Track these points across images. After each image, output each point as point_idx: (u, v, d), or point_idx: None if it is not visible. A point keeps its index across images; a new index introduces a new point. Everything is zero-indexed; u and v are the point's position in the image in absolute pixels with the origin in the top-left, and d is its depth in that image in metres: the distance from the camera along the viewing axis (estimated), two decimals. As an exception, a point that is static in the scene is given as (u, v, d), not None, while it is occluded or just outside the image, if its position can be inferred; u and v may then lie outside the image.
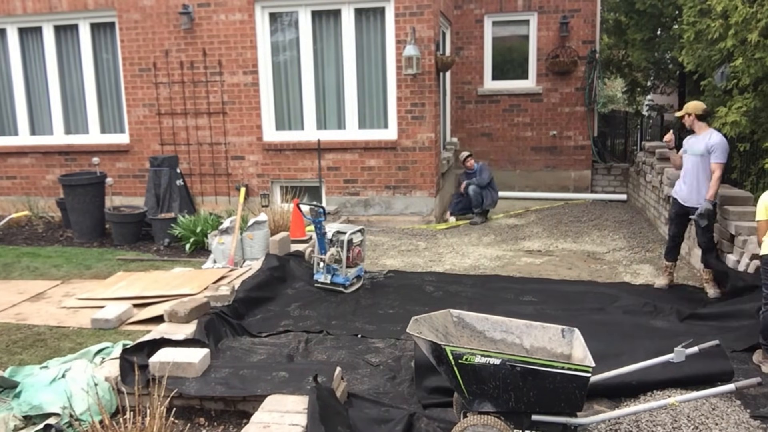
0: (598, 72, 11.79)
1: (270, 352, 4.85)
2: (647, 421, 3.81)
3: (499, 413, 3.38)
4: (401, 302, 6.05)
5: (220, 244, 7.28)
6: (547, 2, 11.68)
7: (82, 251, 8.29)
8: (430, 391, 4.17)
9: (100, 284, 6.62)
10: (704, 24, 6.88)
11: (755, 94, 6.34)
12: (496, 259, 7.65)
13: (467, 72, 12.17)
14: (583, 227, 9.31)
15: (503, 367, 3.29)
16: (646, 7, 11.15)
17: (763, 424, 3.79)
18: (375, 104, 9.60)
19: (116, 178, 10.12)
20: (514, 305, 5.89)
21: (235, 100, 9.75)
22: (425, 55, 9.10)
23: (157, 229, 8.50)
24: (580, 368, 3.27)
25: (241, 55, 9.61)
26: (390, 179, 9.52)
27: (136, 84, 10.00)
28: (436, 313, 3.80)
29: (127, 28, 9.88)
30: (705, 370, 4.21)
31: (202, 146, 9.97)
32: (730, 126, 6.27)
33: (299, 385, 3.91)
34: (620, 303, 5.90)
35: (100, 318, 5.50)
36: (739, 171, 8.03)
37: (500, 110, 12.14)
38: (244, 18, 9.51)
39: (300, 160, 9.72)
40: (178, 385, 3.98)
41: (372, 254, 7.86)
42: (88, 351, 4.68)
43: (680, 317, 5.49)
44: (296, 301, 6.08)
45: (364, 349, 5.01)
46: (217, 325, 5.15)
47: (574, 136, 11.98)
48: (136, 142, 10.18)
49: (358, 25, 9.39)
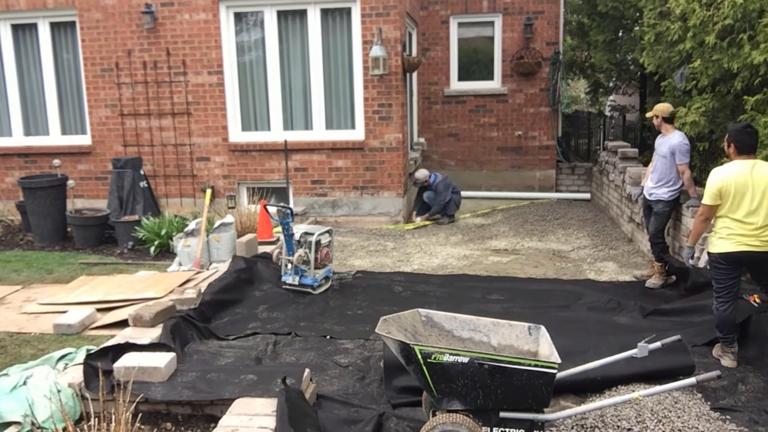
0: (562, 73, 11.97)
1: (238, 355, 4.81)
2: (612, 416, 3.88)
3: (468, 411, 3.41)
4: (370, 303, 6.05)
5: (185, 247, 7.19)
6: (511, 4, 11.81)
7: (44, 255, 8.10)
8: (399, 391, 4.19)
9: (63, 289, 6.48)
10: (664, 26, 7.02)
11: (713, 95, 6.50)
12: (464, 259, 7.71)
13: (434, 73, 12.23)
14: (548, 226, 9.43)
15: (471, 365, 3.32)
16: (608, 10, 11.34)
17: (723, 415, 3.89)
18: (342, 105, 9.59)
19: (78, 180, 9.92)
20: (482, 304, 5.94)
21: (200, 101, 9.64)
22: (392, 56, 9.12)
23: (121, 232, 8.36)
24: (546, 365, 3.32)
25: (205, 55, 9.51)
26: (358, 180, 9.52)
27: (98, 84, 9.82)
28: (404, 313, 3.81)
29: (88, 28, 9.69)
30: (667, 365, 4.30)
31: (166, 147, 9.83)
32: (690, 126, 6.42)
33: (268, 387, 3.89)
34: (585, 300, 6.00)
35: (63, 323, 5.38)
36: (698, 170, 8.22)
37: (466, 111, 12.23)
38: (208, 18, 9.40)
39: (267, 161, 9.65)
40: (144, 390, 3.93)
41: (340, 255, 7.85)
42: (50, 357, 4.58)
43: (643, 313, 5.61)
44: (264, 303, 6.04)
45: (333, 350, 5.00)
46: (183, 328, 5.08)
47: (539, 137, 12.14)
48: (99, 143, 9.99)
49: (324, 26, 9.37)
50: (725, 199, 4.55)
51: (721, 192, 4.56)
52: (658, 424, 3.78)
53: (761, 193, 4.46)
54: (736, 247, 4.52)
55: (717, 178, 4.59)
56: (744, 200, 4.49)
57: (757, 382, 4.32)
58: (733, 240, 4.53)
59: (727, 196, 4.54)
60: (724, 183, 4.54)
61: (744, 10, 5.46)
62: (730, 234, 4.55)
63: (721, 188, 4.55)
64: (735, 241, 4.53)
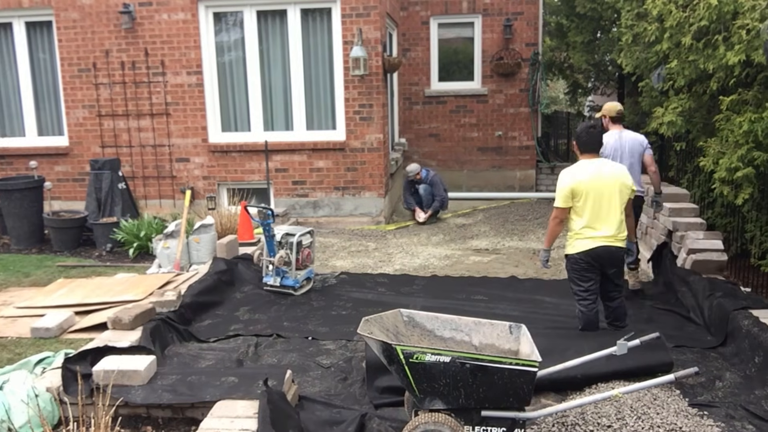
0: (541, 73, 12.06)
1: (219, 357, 4.78)
2: (593, 413, 3.92)
3: (450, 410, 3.42)
4: (353, 304, 6.04)
5: (165, 249, 7.12)
6: (491, 5, 11.87)
7: (20, 258, 7.99)
8: (382, 391, 4.19)
9: (40, 292, 6.39)
10: (641, 27, 7.10)
11: (690, 95, 6.58)
12: (445, 258, 7.73)
13: (414, 73, 12.25)
14: (528, 225, 9.49)
15: (453, 365, 3.33)
16: (586, 11, 11.43)
17: (700, 411, 3.94)
18: (323, 105, 9.57)
19: (55, 182, 9.78)
20: (464, 303, 5.96)
21: (179, 101, 9.56)
22: (372, 57, 9.12)
23: (99, 234, 8.27)
24: (527, 363, 3.34)
25: (184, 55, 9.43)
26: (339, 180, 9.51)
27: (75, 85, 9.70)
28: (386, 313, 3.82)
29: (65, 28, 9.57)
30: (646, 362, 4.35)
31: (145, 148, 9.74)
32: (667, 126, 6.48)
33: (249, 389, 3.87)
34: (565, 299, 6.04)
35: (40, 327, 5.31)
36: (676, 169, 8.33)
37: (447, 111, 12.27)
38: (187, 17, 9.33)
39: (247, 161, 9.60)
40: (124, 393, 3.88)
41: (322, 256, 7.83)
42: (27, 361, 4.51)
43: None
44: (245, 304, 6.01)
45: (315, 351, 4.99)
46: (163, 331, 5.04)
47: (519, 137, 12.22)
48: (76, 144, 9.86)
49: (304, 26, 9.34)
50: (577, 200, 4.65)
51: (572, 193, 4.66)
52: (637, 421, 3.82)
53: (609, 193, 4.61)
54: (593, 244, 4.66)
55: (569, 180, 4.68)
56: (598, 200, 4.61)
57: (734, 378, 4.39)
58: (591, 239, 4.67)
59: (577, 197, 4.64)
60: (576, 184, 4.63)
61: (719, 11, 5.53)
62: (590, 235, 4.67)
63: (573, 189, 4.64)
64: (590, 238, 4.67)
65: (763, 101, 5.31)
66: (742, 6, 5.28)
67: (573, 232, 4.77)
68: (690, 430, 3.71)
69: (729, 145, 5.49)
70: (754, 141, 5.24)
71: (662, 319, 5.53)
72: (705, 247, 6.07)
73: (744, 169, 5.29)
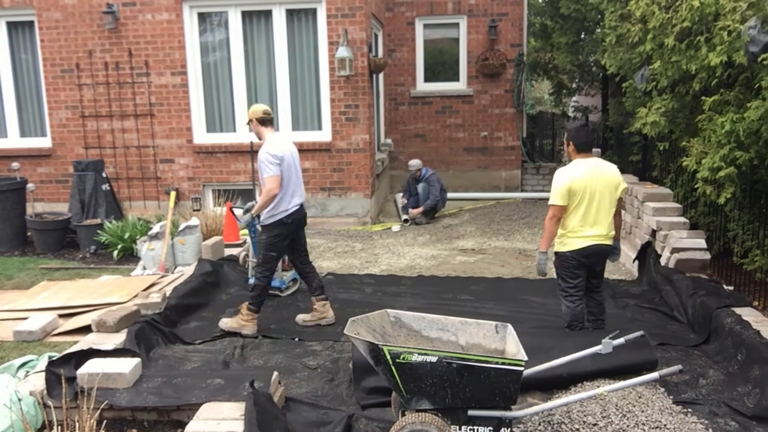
0: (526, 74, 12.11)
1: (205, 359, 4.76)
2: (578, 411, 3.94)
3: (437, 410, 3.42)
4: (340, 304, 6.03)
5: (150, 250, 7.08)
6: (476, 6, 11.90)
7: (2, 260, 7.90)
8: (369, 392, 4.19)
9: (23, 294, 6.32)
10: (625, 28, 7.16)
11: (673, 96, 6.64)
12: (432, 259, 7.75)
13: (400, 74, 12.26)
14: (514, 225, 9.53)
15: (440, 365, 3.34)
16: (570, 12, 11.51)
17: (685, 408, 3.98)
18: (308, 106, 9.56)
19: (38, 183, 9.68)
20: (451, 303, 5.98)
21: (164, 102, 9.50)
22: (358, 57, 9.12)
23: (83, 236, 8.20)
24: (513, 362, 3.35)
25: (168, 55, 9.37)
26: (325, 181, 9.49)
27: (58, 85, 9.61)
28: (373, 314, 3.81)
29: (47, 28, 9.48)
30: (631, 361, 4.38)
31: (129, 149, 9.67)
32: (651, 126, 6.54)
33: (235, 391, 3.85)
34: (551, 299, 6.07)
35: (23, 330, 5.26)
36: (659, 169, 8.40)
37: (433, 112, 12.29)
38: (171, 18, 9.28)
39: (233, 162, 9.56)
40: (109, 396, 3.86)
41: (308, 257, 7.81)
42: (10, 365, 4.47)
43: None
44: (231, 306, 5.98)
45: (302, 352, 4.98)
46: (148, 333, 5.00)
47: (504, 137, 12.26)
48: (59, 145, 9.77)
49: (289, 26, 9.32)
50: (573, 198, 4.68)
51: (570, 191, 4.68)
52: (622, 419, 3.85)
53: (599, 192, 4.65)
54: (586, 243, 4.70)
55: (566, 178, 4.71)
56: (592, 198, 4.65)
57: (717, 375, 4.43)
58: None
59: (574, 195, 4.67)
60: (573, 182, 4.67)
61: (701, 13, 5.60)
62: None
63: (571, 187, 4.68)
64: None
65: (745, 102, 5.37)
66: (724, 8, 5.34)
67: (566, 230, 4.78)
68: (674, 428, 3.75)
69: (711, 145, 5.55)
70: (736, 141, 5.30)
71: (646, 317, 5.58)
72: (688, 246, 6.13)
73: (726, 168, 5.35)
